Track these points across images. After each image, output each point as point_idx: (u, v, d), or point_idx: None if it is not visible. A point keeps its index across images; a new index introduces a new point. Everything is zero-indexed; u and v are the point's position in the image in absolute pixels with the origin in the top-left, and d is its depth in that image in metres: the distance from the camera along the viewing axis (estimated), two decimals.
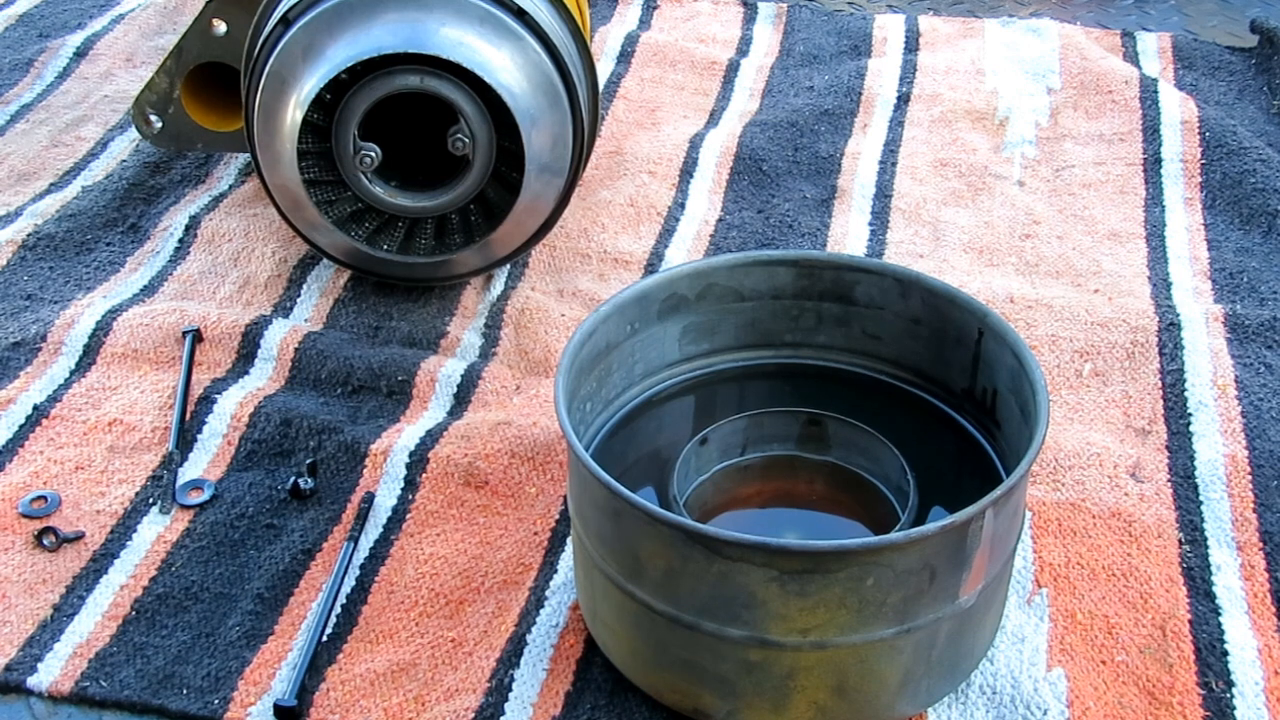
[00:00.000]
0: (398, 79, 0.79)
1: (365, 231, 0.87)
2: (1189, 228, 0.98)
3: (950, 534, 0.56)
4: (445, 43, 0.78)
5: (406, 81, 0.79)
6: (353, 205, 0.86)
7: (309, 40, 0.80)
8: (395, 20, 0.79)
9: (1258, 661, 0.66)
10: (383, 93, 0.80)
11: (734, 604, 0.57)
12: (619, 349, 0.71)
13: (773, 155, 1.07)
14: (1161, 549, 0.72)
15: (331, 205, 0.86)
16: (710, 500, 0.70)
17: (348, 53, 0.79)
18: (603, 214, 1.00)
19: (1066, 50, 1.20)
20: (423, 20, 0.78)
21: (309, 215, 0.86)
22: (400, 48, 0.78)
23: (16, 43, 1.27)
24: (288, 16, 0.80)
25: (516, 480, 0.77)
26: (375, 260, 0.88)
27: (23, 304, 0.93)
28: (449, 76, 0.79)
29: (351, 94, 0.80)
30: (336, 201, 0.86)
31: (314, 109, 0.81)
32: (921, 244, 0.97)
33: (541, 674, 0.66)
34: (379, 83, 0.80)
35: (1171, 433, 0.79)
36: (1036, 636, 0.67)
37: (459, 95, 0.79)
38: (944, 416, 0.72)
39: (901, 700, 0.61)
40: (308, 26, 0.80)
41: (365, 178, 0.83)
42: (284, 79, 0.81)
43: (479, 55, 0.78)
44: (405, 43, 0.78)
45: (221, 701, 0.66)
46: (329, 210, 0.86)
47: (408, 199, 0.84)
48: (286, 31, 0.80)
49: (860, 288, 0.73)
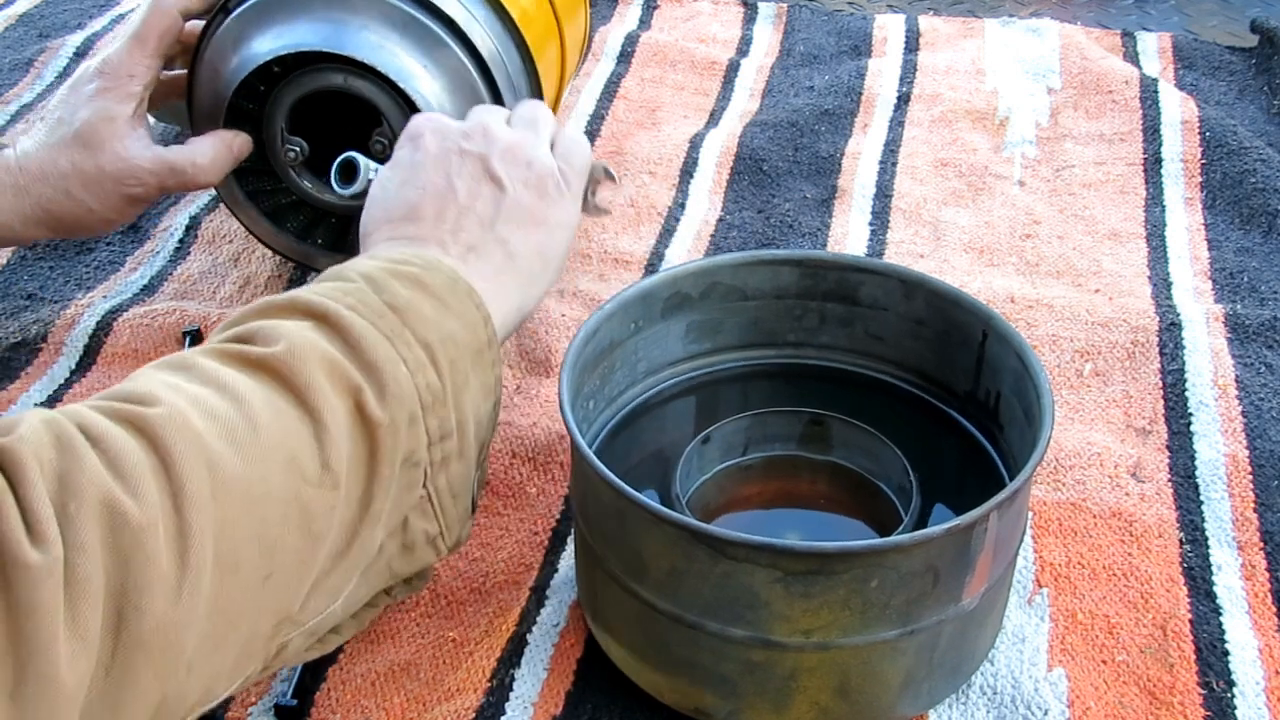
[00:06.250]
0: (322, 77, 0.80)
1: (298, 225, 0.88)
2: (1189, 228, 0.98)
3: (955, 536, 0.56)
4: (364, 44, 0.79)
5: (330, 80, 0.80)
6: (285, 198, 0.87)
7: (239, 31, 0.81)
8: (320, 19, 0.79)
9: (1259, 661, 0.66)
10: (307, 89, 0.81)
11: (737, 604, 0.57)
12: (622, 347, 0.71)
13: (773, 155, 1.07)
14: (1162, 549, 0.72)
15: (263, 196, 0.87)
16: (712, 500, 0.70)
17: (271, 45, 0.80)
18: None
19: (1066, 50, 1.20)
20: (346, 21, 0.79)
21: (244, 206, 0.88)
22: (319, 46, 0.79)
23: (16, 43, 1.27)
24: (227, 5, 0.81)
25: (517, 480, 0.77)
26: (307, 254, 0.89)
27: (23, 303, 0.93)
28: (372, 78, 0.79)
29: (279, 88, 0.81)
30: (271, 193, 0.87)
31: (243, 98, 0.82)
32: (922, 244, 0.97)
33: (542, 674, 0.66)
34: (305, 79, 0.81)
35: (1172, 432, 0.80)
36: (1037, 637, 0.68)
37: (382, 98, 0.80)
38: (947, 418, 0.72)
39: (903, 701, 0.62)
40: (240, 17, 0.81)
41: (293, 171, 0.84)
42: (215, 67, 0.81)
43: (397, 60, 0.79)
44: (324, 41, 0.79)
45: (222, 701, 0.66)
46: (260, 201, 0.87)
47: (335, 195, 0.85)
48: (224, 19, 0.81)
49: (864, 288, 0.73)
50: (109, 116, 0.77)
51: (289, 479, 0.50)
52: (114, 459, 0.46)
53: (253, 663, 0.52)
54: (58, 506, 0.44)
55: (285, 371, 0.52)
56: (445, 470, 0.57)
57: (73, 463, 0.45)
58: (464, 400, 0.58)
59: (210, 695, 0.50)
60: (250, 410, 0.50)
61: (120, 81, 0.78)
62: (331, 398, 0.52)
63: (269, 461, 0.49)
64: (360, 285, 0.57)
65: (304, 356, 0.52)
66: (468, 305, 0.59)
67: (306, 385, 0.52)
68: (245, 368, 0.52)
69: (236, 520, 0.48)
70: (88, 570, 0.43)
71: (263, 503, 0.49)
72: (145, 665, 0.45)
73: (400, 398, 0.54)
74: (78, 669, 0.43)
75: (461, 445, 0.58)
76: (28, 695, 0.42)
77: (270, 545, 0.49)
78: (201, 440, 0.48)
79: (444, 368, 0.56)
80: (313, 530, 0.51)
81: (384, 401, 0.53)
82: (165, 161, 0.78)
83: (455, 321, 0.58)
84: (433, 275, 0.59)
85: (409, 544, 0.58)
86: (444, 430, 0.56)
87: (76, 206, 0.78)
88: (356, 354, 0.54)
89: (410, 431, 0.55)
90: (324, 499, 0.51)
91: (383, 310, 0.56)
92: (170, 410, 0.48)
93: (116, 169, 0.77)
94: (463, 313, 0.59)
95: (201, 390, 0.50)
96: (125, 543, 0.44)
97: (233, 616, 0.49)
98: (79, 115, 0.77)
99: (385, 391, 0.54)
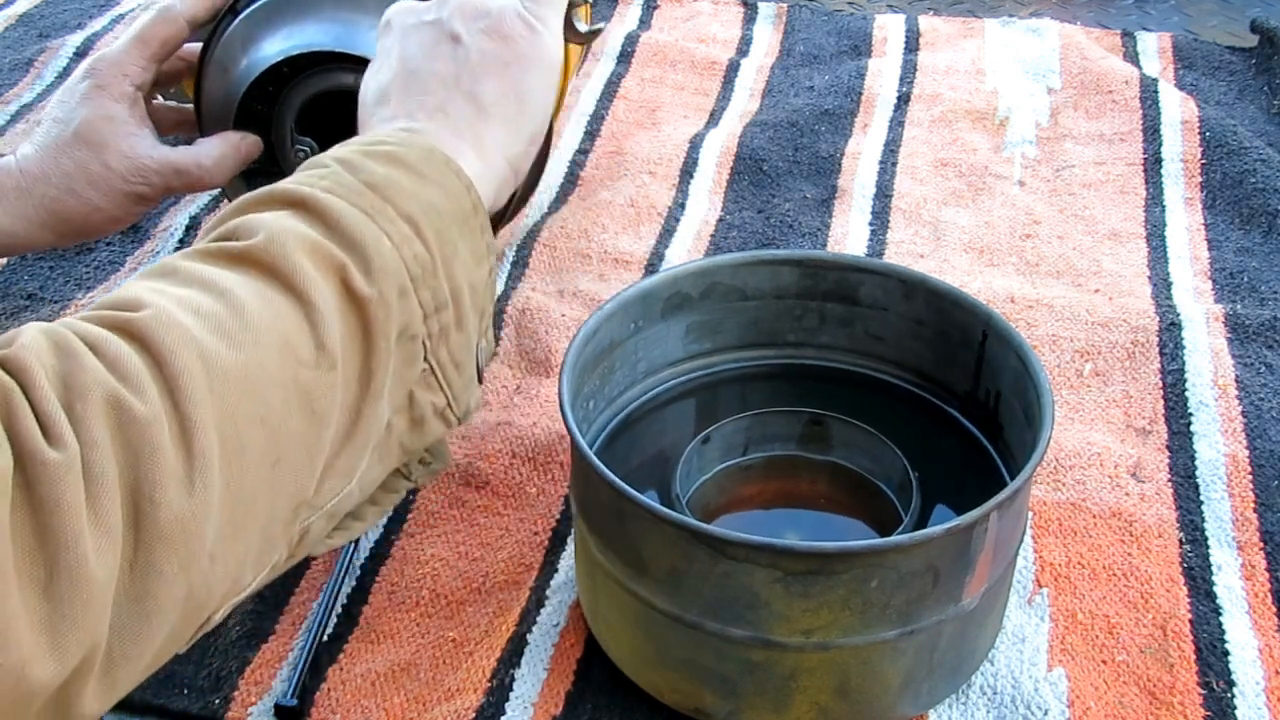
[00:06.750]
0: (332, 77, 0.80)
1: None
2: (1189, 228, 0.98)
3: (955, 536, 0.56)
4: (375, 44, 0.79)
5: (340, 79, 0.80)
6: None
7: (248, 32, 0.81)
8: (330, 19, 0.79)
9: (1259, 661, 0.66)
10: (318, 89, 0.81)
11: (737, 604, 0.57)
12: (622, 347, 0.71)
13: (773, 155, 1.07)
14: (1162, 549, 0.72)
15: None
16: (712, 500, 0.70)
17: (281, 46, 0.80)
18: (603, 214, 1.00)
19: (1066, 50, 1.20)
20: (356, 20, 0.79)
21: None
22: (330, 46, 0.79)
23: (16, 43, 1.27)
24: (235, 7, 0.81)
25: (517, 480, 0.77)
26: None
27: (23, 303, 0.93)
28: None
29: (289, 88, 0.81)
30: None
31: (253, 100, 0.81)
32: (922, 244, 0.97)
33: (542, 674, 0.66)
34: (315, 79, 0.80)
35: (1172, 432, 0.80)
36: (1037, 637, 0.68)
37: None
38: (946, 417, 0.72)
39: (903, 702, 0.62)
40: (249, 18, 0.81)
41: None
42: (224, 69, 0.81)
43: None
44: (335, 41, 0.79)
45: (222, 701, 0.66)
46: None
47: None
48: (233, 21, 0.81)
49: (864, 288, 0.73)
50: (108, 115, 0.77)
51: (285, 363, 0.50)
52: (112, 361, 0.46)
53: (276, 550, 0.52)
54: (65, 407, 0.44)
55: (267, 260, 0.52)
56: (445, 341, 0.58)
57: (75, 365, 0.45)
58: (455, 269, 0.58)
59: (239, 585, 0.51)
60: (237, 301, 0.50)
61: (114, 80, 0.78)
62: (317, 279, 0.52)
63: (262, 348, 0.50)
64: (335, 169, 0.57)
65: (284, 242, 0.52)
66: (447, 174, 0.59)
67: (292, 270, 0.52)
68: (228, 263, 0.52)
69: (236, 409, 0.48)
70: (103, 465, 0.44)
71: (261, 389, 0.49)
72: (168, 557, 0.46)
73: (387, 271, 0.54)
74: (105, 562, 0.44)
75: (459, 314, 0.58)
76: (61, 590, 0.42)
77: (274, 430, 0.50)
78: (190, 335, 0.48)
79: (430, 238, 0.56)
80: (315, 411, 0.51)
81: (370, 277, 0.54)
82: (171, 163, 0.79)
83: (436, 191, 0.58)
84: (407, 150, 0.59)
85: (418, 418, 0.58)
86: (438, 301, 0.57)
87: (82, 205, 0.78)
88: (337, 233, 0.54)
89: (402, 304, 0.55)
90: (322, 380, 0.51)
91: (360, 189, 0.56)
92: (157, 311, 0.48)
93: (123, 167, 0.77)
94: (442, 181, 0.59)
95: (186, 290, 0.51)
96: (134, 437, 0.45)
97: (248, 503, 0.49)
98: (77, 114, 0.77)
99: (371, 266, 0.54)
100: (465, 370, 0.60)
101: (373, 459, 0.56)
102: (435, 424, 0.59)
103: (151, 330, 0.47)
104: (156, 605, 0.46)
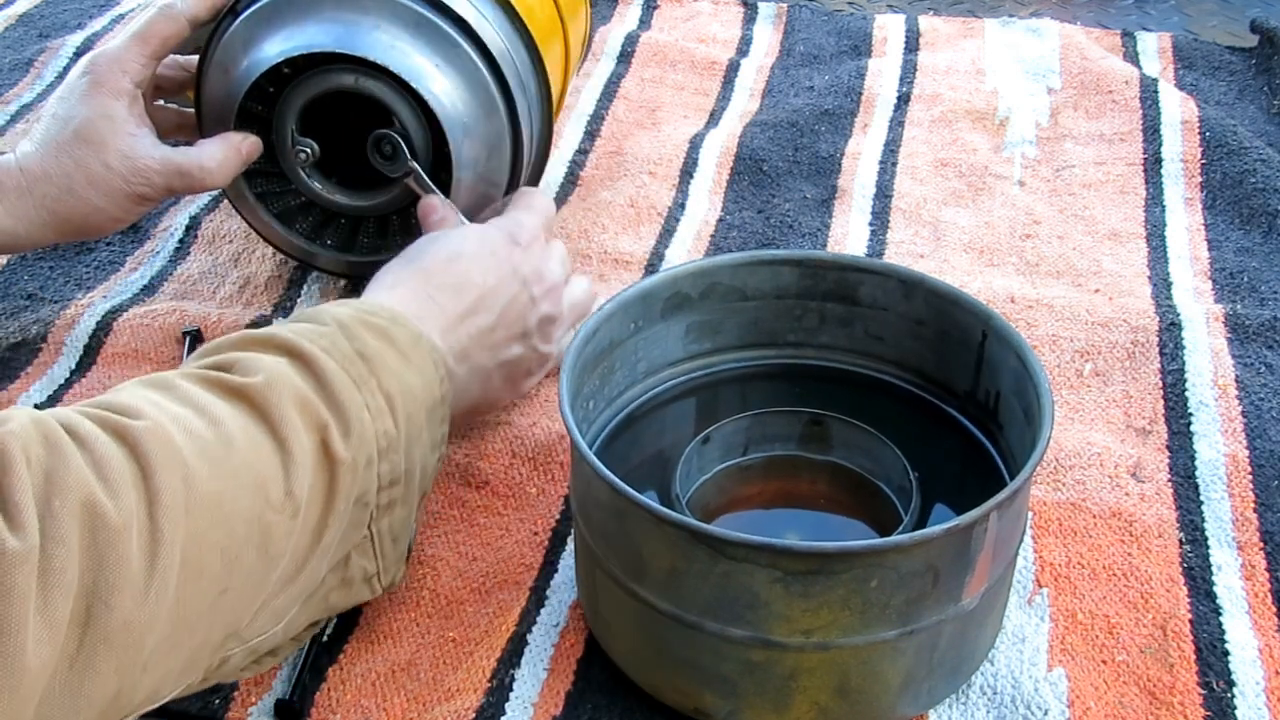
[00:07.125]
0: (333, 77, 0.80)
1: (307, 227, 0.88)
2: (1189, 228, 0.98)
3: (954, 536, 0.56)
4: (377, 45, 0.79)
5: (341, 80, 0.80)
6: (295, 199, 0.87)
7: (249, 33, 0.81)
8: (330, 20, 0.79)
9: (1259, 661, 0.66)
10: (319, 89, 0.81)
11: (737, 604, 0.57)
12: (622, 347, 0.71)
13: (773, 155, 1.07)
14: (1162, 549, 0.72)
15: (274, 198, 0.87)
16: (712, 500, 0.70)
17: (282, 47, 0.80)
18: (603, 214, 1.00)
19: (1066, 50, 1.20)
20: (357, 21, 0.79)
21: (252, 207, 0.88)
22: (331, 47, 0.79)
23: (16, 43, 1.27)
24: (236, 7, 0.81)
25: (517, 480, 0.77)
26: (317, 255, 0.89)
27: (23, 303, 0.93)
28: (383, 78, 0.79)
29: (290, 89, 0.81)
30: (281, 195, 0.87)
31: (253, 100, 0.81)
32: (922, 244, 0.97)
33: (542, 674, 0.66)
34: (316, 79, 0.80)
35: (1172, 432, 0.80)
36: (1037, 637, 0.68)
37: (394, 98, 0.80)
38: (946, 417, 0.72)
39: (903, 702, 0.62)
40: (249, 19, 0.81)
41: (303, 172, 0.84)
42: (225, 69, 0.81)
43: (409, 60, 0.79)
44: (336, 42, 0.79)
45: (222, 701, 0.66)
46: (270, 203, 0.87)
47: (345, 196, 0.85)
48: (233, 22, 0.81)
49: (864, 288, 0.73)
50: (107, 114, 0.77)
51: (255, 501, 0.53)
52: (98, 462, 0.48)
53: (197, 671, 0.55)
54: (42, 501, 0.46)
55: (261, 402, 0.55)
56: (390, 514, 0.62)
57: (60, 461, 0.47)
58: (414, 451, 0.62)
59: (156, 696, 0.52)
60: (226, 434, 0.53)
61: (112, 77, 0.78)
62: (301, 432, 0.56)
63: (239, 483, 0.53)
64: (333, 330, 0.61)
65: (280, 390, 0.56)
66: (428, 363, 0.64)
67: (281, 419, 0.55)
68: (224, 394, 0.56)
69: (204, 533, 0.51)
70: (64, 563, 0.46)
71: (230, 520, 0.52)
72: (108, 659, 0.47)
73: (363, 439, 0.58)
74: (42, 654, 0.45)
75: (407, 492, 0.62)
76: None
77: (231, 560, 0.52)
78: (180, 455, 0.51)
79: (400, 419, 0.61)
80: (270, 552, 0.54)
81: (348, 441, 0.57)
82: (173, 164, 0.79)
83: (416, 376, 0.63)
84: (398, 329, 0.63)
85: (348, 579, 0.61)
86: (394, 476, 0.61)
87: (82, 205, 0.78)
88: (327, 394, 0.58)
89: (366, 473, 0.59)
90: (284, 524, 0.54)
91: (353, 356, 0.60)
92: (154, 424, 0.51)
93: (124, 167, 0.77)
94: (423, 368, 0.63)
95: (182, 410, 0.54)
96: (102, 542, 0.47)
97: (190, 623, 0.51)
98: (76, 113, 0.77)
99: (350, 431, 0.58)
100: (399, 545, 0.64)
101: (303, 607, 0.59)
102: (361, 589, 0.63)
103: (146, 441, 0.50)
104: (87, 702, 0.47)
